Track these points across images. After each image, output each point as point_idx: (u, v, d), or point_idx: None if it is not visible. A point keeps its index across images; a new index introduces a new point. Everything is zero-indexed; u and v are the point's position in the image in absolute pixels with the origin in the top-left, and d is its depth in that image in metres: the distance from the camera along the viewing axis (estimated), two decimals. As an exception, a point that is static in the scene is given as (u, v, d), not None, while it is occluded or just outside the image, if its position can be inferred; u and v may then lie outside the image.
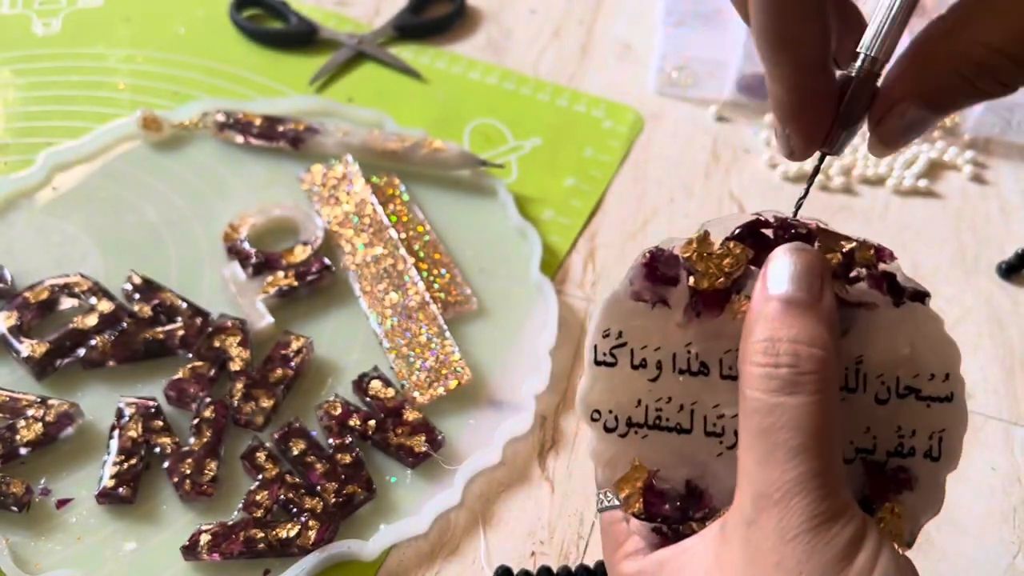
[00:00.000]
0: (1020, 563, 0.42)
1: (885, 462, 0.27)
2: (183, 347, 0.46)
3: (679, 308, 0.27)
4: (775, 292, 0.25)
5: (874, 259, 0.27)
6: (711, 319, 0.27)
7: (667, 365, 0.27)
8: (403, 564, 0.41)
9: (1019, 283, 0.54)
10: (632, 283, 0.28)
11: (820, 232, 0.27)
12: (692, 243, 0.27)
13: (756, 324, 0.25)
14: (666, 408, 0.28)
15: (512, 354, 0.49)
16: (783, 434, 0.23)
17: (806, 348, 0.24)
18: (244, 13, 0.67)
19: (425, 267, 0.51)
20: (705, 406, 0.27)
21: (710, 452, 0.27)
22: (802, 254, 0.25)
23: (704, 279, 0.27)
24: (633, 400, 0.28)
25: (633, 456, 0.28)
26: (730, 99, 0.63)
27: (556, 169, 0.58)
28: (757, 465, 0.24)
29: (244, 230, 0.51)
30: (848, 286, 0.27)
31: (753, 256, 0.27)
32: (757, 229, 0.27)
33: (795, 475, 0.23)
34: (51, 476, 0.42)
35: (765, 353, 0.24)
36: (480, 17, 0.69)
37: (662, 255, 0.27)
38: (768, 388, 0.24)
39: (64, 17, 0.66)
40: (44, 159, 0.55)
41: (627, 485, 0.28)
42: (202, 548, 0.39)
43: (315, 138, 0.56)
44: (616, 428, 0.28)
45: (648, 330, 0.27)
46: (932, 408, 0.27)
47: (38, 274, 0.49)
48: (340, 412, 0.44)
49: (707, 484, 0.27)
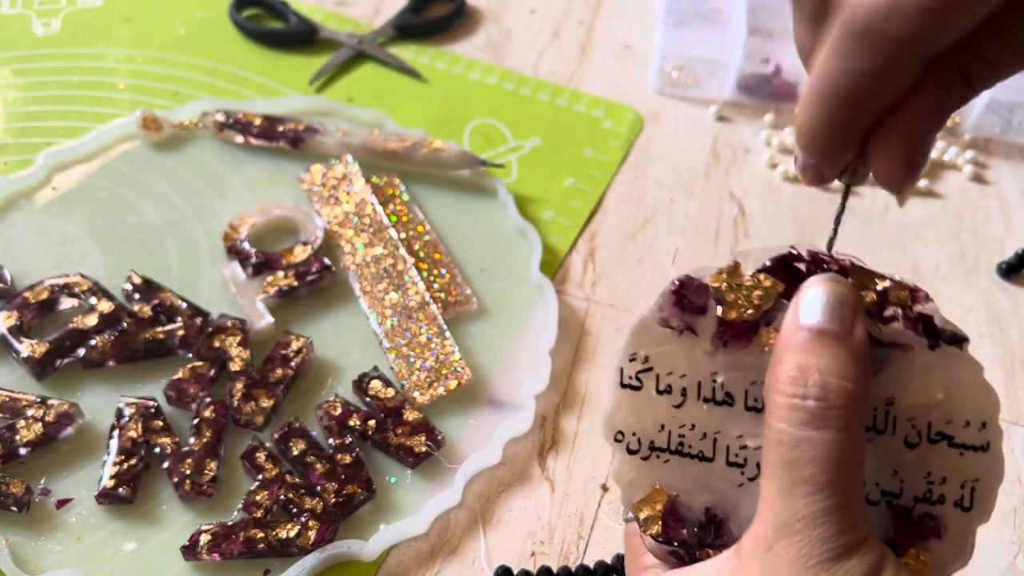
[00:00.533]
0: (1020, 563, 0.42)
1: (912, 507, 0.27)
2: (183, 347, 0.46)
3: (706, 337, 0.27)
4: (806, 322, 0.25)
5: (909, 299, 0.26)
6: (738, 350, 0.27)
7: (692, 392, 0.27)
8: (403, 564, 0.41)
9: (1019, 283, 0.54)
10: (661, 309, 0.28)
11: (854, 269, 0.26)
12: (722, 273, 0.27)
13: (785, 353, 0.25)
14: (689, 435, 0.28)
15: (512, 354, 0.49)
16: (808, 469, 0.23)
17: (836, 380, 0.24)
18: (244, 13, 0.67)
19: (425, 267, 0.51)
20: (728, 436, 0.27)
21: (731, 482, 0.27)
22: (836, 285, 0.25)
23: (733, 310, 0.27)
24: (657, 425, 0.28)
25: (654, 480, 0.28)
26: (730, 99, 0.63)
27: (556, 169, 0.58)
28: (780, 496, 0.24)
29: (244, 230, 0.51)
30: (882, 325, 0.26)
31: (784, 290, 0.26)
32: (789, 262, 0.27)
33: (817, 508, 0.23)
34: (51, 476, 0.42)
35: (793, 383, 0.24)
36: (480, 17, 0.69)
37: (692, 283, 0.27)
38: (795, 420, 0.24)
39: (64, 17, 0.66)
40: (44, 159, 0.55)
41: (647, 507, 0.28)
42: (202, 548, 0.39)
43: (315, 138, 0.56)
44: (639, 451, 0.28)
45: (674, 356, 0.27)
46: (965, 456, 0.26)
47: (38, 274, 0.49)
48: (340, 412, 0.44)
49: (726, 513, 0.27)
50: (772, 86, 0.63)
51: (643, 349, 0.28)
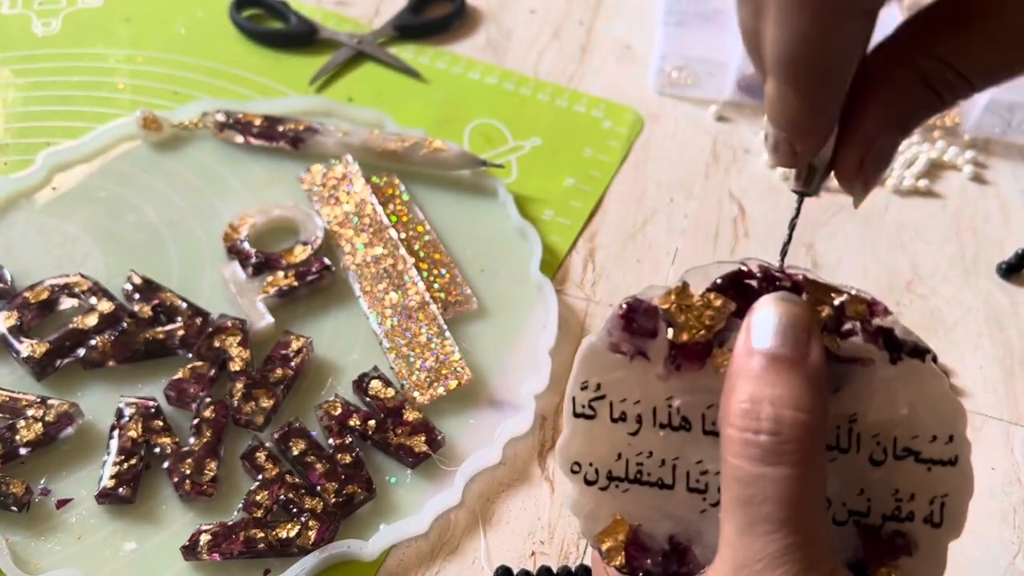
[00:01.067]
0: (1020, 563, 0.42)
1: (880, 526, 0.26)
2: (183, 347, 0.46)
3: (659, 361, 0.26)
4: (758, 347, 0.24)
5: (867, 313, 0.25)
6: (692, 372, 0.26)
7: (647, 419, 0.27)
8: (403, 564, 0.41)
9: (1019, 283, 0.54)
10: (610, 334, 0.27)
11: (808, 284, 0.26)
12: (671, 294, 0.26)
13: (737, 381, 0.24)
14: (647, 463, 0.27)
15: (512, 354, 0.49)
16: (765, 507, 0.23)
17: (790, 412, 0.23)
18: (244, 13, 0.67)
19: (425, 267, 0.51)
20: (688, 462, 0.27)
21: (693, 508, 0.27)
22: (788, 305, 0.24)
23: (684, 332, 0.26)
24: (613, 454, 0.27)
25: (615, 510, 0.27)
26: (730, 99, 0.63)
27: (556, 169, 0.58)
28: (738, 534, 0.23)
29: (244, 230, 0.51)
30: (840, 340, 0.25)
31: (736, 308, 0.26)
32: (740, 279, 0.26)
33: (777, 548, 0.23)
34: (51, 476, 0.43)
35: (746, 416, 0.23)
36: (480, 17, 0.69)
37: (640, 306, 0.26)
38: (748, 456, 0.23)
39: (64, 17, 0.66)
40: (44, 159, 0.55)
41: (609, 538, 0.27)
42: (202, 548, 0.39)
43: (315, 138, 0.56)
44: (596, 481, 0.27)
45: (627, 383, 0.27)
46: (933, 471, 0.26)
47: (38, 274, 0.49)
48: (340, 412, 0.44)
49: (690, 540, 0.27)
50: (772, 86, 0.63)
51: (594, 376, 0.27)
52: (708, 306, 0.26)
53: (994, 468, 0.45)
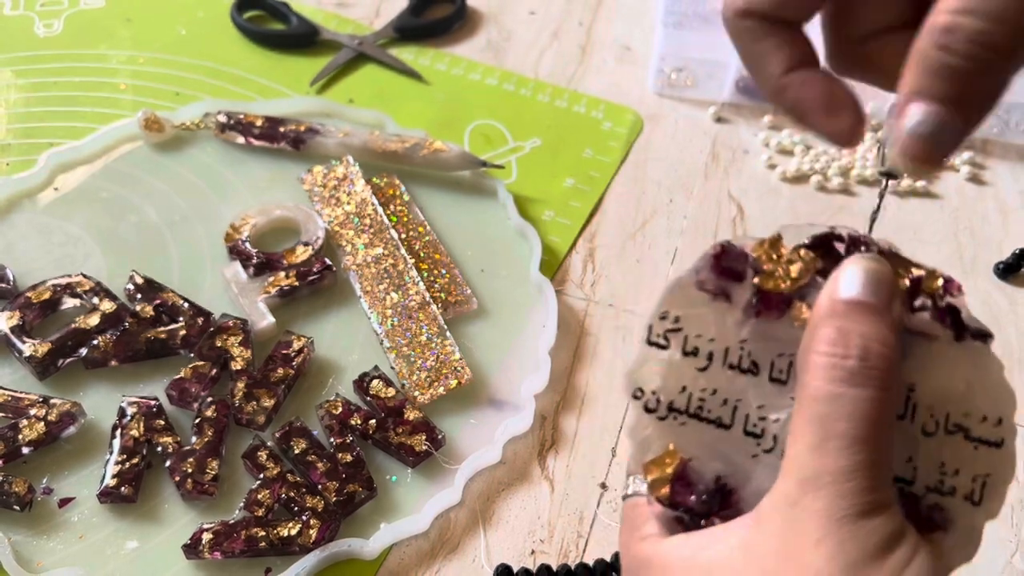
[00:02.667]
0: (1018, 562, 0.42)
1: (923, 496, 0.26)
2: (185, 347, 0.47)
3: (739, 305, 0.27)
4: (846, 295, 0.25)
5: (941, 290, 0.27)
6: (770, 321, 0.27)
7: (718, 357, 0.27)
8: (403, 563, 0.41)
9: (1017, 283, 0.54)
10: (698, 272, 0.28)
11: (890, 255, 0.27)
12: (764, 243, 0.27)
13: (824, 319, 0.25)
14: (710, 400, 0.27)
15: (512, 354, 0.49)
16: (842, 424, 0.23)
17: (877, 344, 0.24)
18: (245, 14, 0.67)
19: (425, 267, 0.51)
20: (749, 405, 0.27)
21: (746, 452, 0.27)
22: (875, 264, 0.26)
23: (770, 280, 0.27)
24: (678, 386, 0.27)
25: (668, 441, 0.27)
26: (729, 100, 0.64)
27: (556, 170, 0.59)
28: (809, 450, 0.23)
29: (245, 230, 0.52)
30: (911, 313, 0.27)
31: (821, 268, 0.27)
32: (829, 242, 0.27)
33: (849, 463, 0.23)
34: (53, 475, 0.43)
35: (834, 344, 0.24)
36: (480, 19, 0.69)
37: (732, 250, 0.27)
38: (833, 378, 0.24)
39: (66, 18, 0.66)
40: (46, 160, 0.55)
41: (657, 469, 0.27)
42: (204, 547, 0.40)
43: (316, 139, 0.56)
44: (656, 410, 0.27)
45: (706, 320, 0.27)
46: (979, 451, 0.26)
47: (40, 274, 0.49)
48: (341, 411, 0.44)
49: (737, 484, 0.27)
50: (771, 87, 0.63)
51: (675, 309, 0.28)
52: (797, 260, 0.27)
53: (992, 467, 0.46)
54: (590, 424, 0.46)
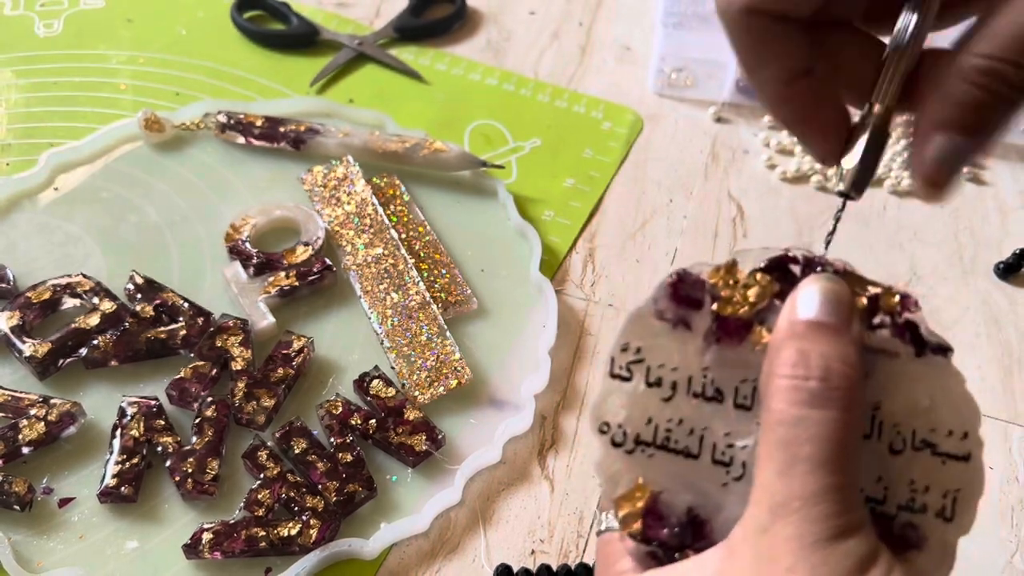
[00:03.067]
0: (1018, 562, 0.42)
1: (895, 515, 0.26)
2: (185, 347, 0.47)
3: (700, 332, 0.27)
4: (804, 316, 0.25)
5: (898, 307, 0.27)
6: (731, 347, 0.27)
7: (682, 387, 0.27)
8: (404, 562, 0.41)
9: (1016, 283, 0.54)
10: (656, 302, 0.28)
11: (846, 274, 0.27)
12: (720, 269, 0.27)
13: (784, 341, 0.25)
14: (676, 430, 0.27)
15: (512, 354, 0.49)
16: (808, 447, 0.23)
17: (838, 364, 0.24)
18: (245, 14, 0.67)
19: (425, 267, 0.51)
20: (715, 433, 0.27)
21: (716, 481, 0.27)
22: (832, 284, 0.26)
23: (728, 305, 0.27)
24: (644, 417, 0.28)
25: (637, 475, 0.28)
26: (729, 100, 0.64)
27: (556, 170, 0.59)
28: (777, 476, 0.24)
29: (245, 230, 0.52)
30: (869, 331, 0.27)
31: (778, 291, 0.27)
32: (785, 264, 0.27)
33: (816, 487, 0.23)
34: (53, 475, 0.43)
35: (795, 365, 0.24)
36: (480, 19, 0.69)
37: (689, 277, 0.28)
38: (795, 400, 0.24)
39: (66, 18, 0.66)
40: (46, 159, 0.55)
41: (628, 504, 0.27)
42: (204, 547, 0.40)
43: (316, 139, 0.56)
44: (623, 444, 0.28)
45: (667, 350, 0.28)
46: (947, 466, 0.26)
47: (40, 274, 0.49)
48: (341, 411, 0.44)
49: (709, 515, 0.27)
50: (771, 87, 0.63)
51: (636, 340, 0.28)
52: (753, 284, 0.27)
53: (992, 467, 0.46)
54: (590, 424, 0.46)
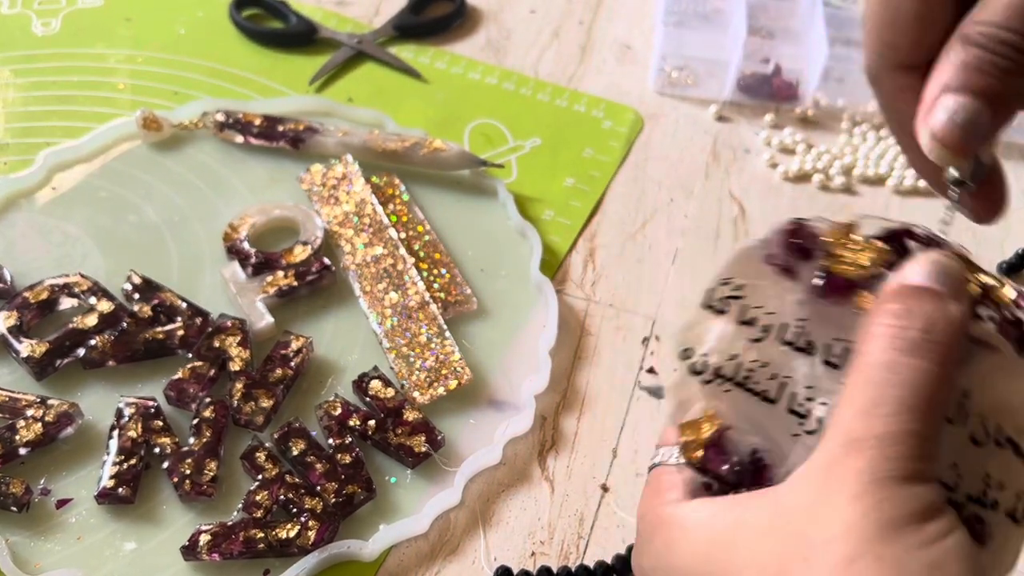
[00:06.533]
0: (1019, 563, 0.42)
1: (964, 504, 0.25)
2: (183, 347, 0.46)
3: (803, 284, 0.27)
4: (914, 281, 0.25)
5: (1011, 302, 0.26)
6: (832, 304, 0.26)
7: (774, 331, 0.27)
8: (403, 564, 0.41)
9: (1019, 283, 0.54)
10: (768, 245, 0.27)
11: (963, 260, 0.26)
12: (838, 228, 0.27)
13: (890, 296, 0.24)
14: (759, 371, 0.26)
15: (512, 354, 0.49)
16: (896, 390, 0.23)
17: (942, 322, 0.23)
18: (244, 13, 0.67)
19: (425, 267, 0.51)
20: (798, 383, 0.26)
21: (787, 429, 0.26)
22: (947, 260, 0.25)
23: (839, 264, 0.26)
24: (729, 352, 0.27)
25: (709, 406, 0.27)
26: (730, 99, 0.63)
27: (556, 169, 0.58)
28: (858, 413, 0.23)
29: (244, 230, 0.51)
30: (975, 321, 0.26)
31: (891, 261, 0.26)
32: (903, 237, 0.27)
33: (897, 430, 0.22)
34: (51, 476, 0.42)
35: (897, 315, 0.24)
36: (480, 17, 0.69)
37: (805, 229, 0.27)
38: (892, 346, 0.23)
39: (64, 17, 0.66)
40: (44, 159, 0.55)
41: (693, 431, 0.27)
42: (202, 548, 0.39)
43: (315, 138, 0.56)
44: (703, 372, 0.27)
45: (767, 293, 0.27)
46: None
47: (38, 274, 0.49)
48: (340, 412, 0.44)
49: (773, 461, 0.26)
50: (772, 86, 0.63)
51: (738, 276, 0.27)
52: (869, 248, 0.26)
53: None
54: (590, 425, 0.46)
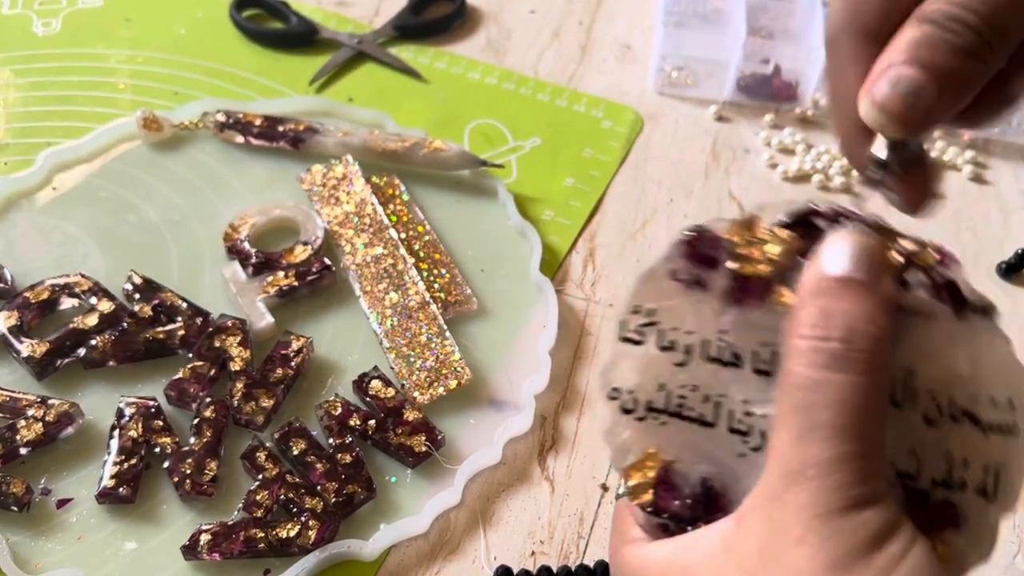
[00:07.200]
0: (1020, 563, 0.42)
1: (929, 491, 0.24)
2: (183, 347, 0.46)
3: (716, 293, 0.25)
4: (830, 271, 0.23)
5: (936, 264, 0.24)
6: (750, 308, 0.25)
7: (696, 351, 0.25)
8: (403, 563, 0.41)
9: (1019, 283, 0.54)
10: (670, 261, 0.26)
11: (879, 229, 0.25)
12: (738, 224, 0.25)
13: (807, 299, 0.23)
14: (691, 396, 0.25)
15: (512, 354, 0.49)
16: (826, 412, 0.22)
17: (862, 324, 0.22)
18: (244, 13, 0.67)
19: (425, 267, 0.51)
20: (733, 400, 0.25)
21: (732, 451, 0.25)
22: (862, 238, 0.24)
23: (748, 264, 0.25)
24: (656, 383, 0.25)
25: (649, 443, 0.26)
26: (730, 99, 0.63)
27: (556, 169, 0.58)
28: (793, 442, 0.22)
29: (244, 230, 0.51)
30: (904, 291, 0.24)
31: (802, 248, 0.25)
32: (809, 218, 0.25)
33: (834, 454, 0.21)
34: (51, 476, 0.43)
35: (815, 325, 0.22)
36: (480, 17, 0.69)
37: (705, 235, 0.25)
38: (815, 362, 0.22)
39: (64, 17, 0.66)
40: (44, 159, 0.55)
41: (638, 473, 0.26)
42: (202, 548, 0.39)
43: (315, 138, 0.56)
44: (634, 410, 0.26)
45: (681, 312, 0.25)
46: (990, 438, 0.24)
47: (39, 274, 0.49)
48: (340, 412, 0.44)
49: (725, 486, 0.25)
50: (771, 86, 0.63)
51: (648, 302, 0.26)
52: (774, 240, 0.25)
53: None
54: (590, 424, 0.46)
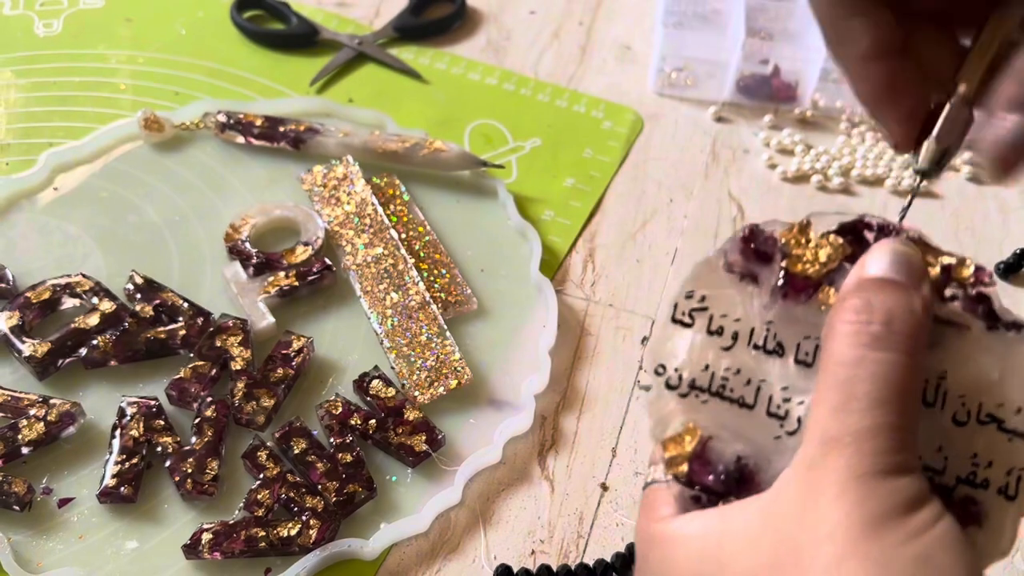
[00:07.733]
0: (1020, 563, 0.42)
1: (954, 487, 0.26)
2: (184, 347, 0.47)
3: (766, 287, 0.27)
4: (873, 273, 0.25)
5: (972, 279, 0.27)
6: (796, 305, 0.27)
7: (743, 337, 0.27)
8: (403, 563, 0.41)
9: (1018, 283, 0.54)
10: (727, 253, 0.28)
11: (920, 243, 0.27)
12: (793, 228, 0.28)
13: (850, 291, 0.25)
14: (733, 379, 0.27)
15: (512, 354, 0.49)
16: (865, 385, 0.23)
17: (902, 311, 0.24)
18: (245, 14, 0.67)
19: (425, 267, 0.51)
20: (773, 386, 0.27)
21: (768, 433, 0.27)
22: (904, 248, 0.26)
23: (798, 263, 0.27)
24: (701, 364, 0.27)
25: (689, 419, 0.27)
26: (729, 100, 0.63)
27: (556, 169, 0.59)
28: (832, 412, 0.23)
29: (245, 230, 0.52)
30: (941, 303, 0.26)
31: (849, 254, 0.27)
32: (859, 229, 0.27)
33: (872, 423, 0.22)
34: (53, 475, 0.43)
35: (857, 311, 0.24)
36: (480, 18, 0.69)
37: (762, 233, 0.28)
38: (856, 342, 0.24)
39: (65, 18, 0.66)
40: (45, 159, 0.55)
41: (676, 446, 0.27)
42: (203, 547, 0.40)
43: (316, 139, 0.56)
44: (678, 387, 0.27)
45: (732, 300, 0.28)
46: (1014, 443, 0.26)
47: (40, 274, 0.49)
48: (341, 411, 0.44)
49: (758, 466, 0.26)
50: (771, 87, 0.63)
51: (701, 288, 0.28)
52: (826, 245, 0.27)
53: (992, 467, 0.46)
54: (590, 424, 0.46)
